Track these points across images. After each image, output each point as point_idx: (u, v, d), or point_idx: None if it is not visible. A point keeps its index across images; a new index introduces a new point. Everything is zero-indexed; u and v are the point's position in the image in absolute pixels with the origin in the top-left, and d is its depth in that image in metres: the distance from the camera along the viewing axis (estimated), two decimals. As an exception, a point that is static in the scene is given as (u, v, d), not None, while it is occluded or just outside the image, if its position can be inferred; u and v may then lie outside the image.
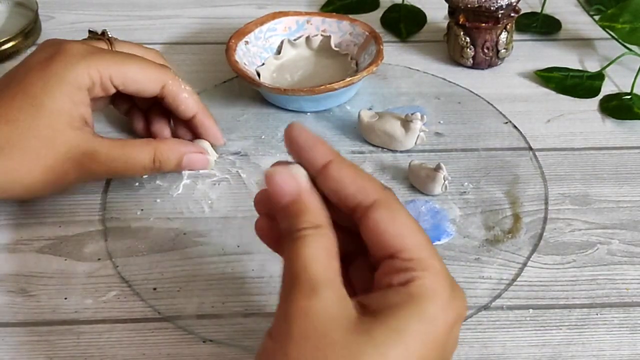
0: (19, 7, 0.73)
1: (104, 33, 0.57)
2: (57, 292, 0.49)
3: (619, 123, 0.63)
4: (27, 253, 0.51)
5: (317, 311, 0.32)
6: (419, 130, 0.58)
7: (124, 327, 0.47)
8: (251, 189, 0.56)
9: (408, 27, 0.75)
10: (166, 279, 0.50)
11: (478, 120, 0.63)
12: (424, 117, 0.58)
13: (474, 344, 0.46)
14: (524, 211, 0.54)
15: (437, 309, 0.32)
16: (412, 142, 0.59)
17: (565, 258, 0.51)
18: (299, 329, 0.31)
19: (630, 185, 0.57)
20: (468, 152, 0.60)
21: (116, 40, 0.56)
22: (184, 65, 0.69)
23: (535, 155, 0.59)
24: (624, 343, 0.46)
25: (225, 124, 0.61)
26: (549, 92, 0.67)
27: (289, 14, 0.68)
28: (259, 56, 0.66)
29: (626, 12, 0.69)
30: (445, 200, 0.55)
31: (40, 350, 0.45)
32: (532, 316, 0.48)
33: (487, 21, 0.66)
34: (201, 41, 0.73)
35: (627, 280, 0.50)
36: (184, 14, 0.77)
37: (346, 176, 0.35)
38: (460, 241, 0.52)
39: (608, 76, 0.68)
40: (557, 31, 0.75)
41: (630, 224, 0.54)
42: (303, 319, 0.32)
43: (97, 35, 0.57)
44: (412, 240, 0.34)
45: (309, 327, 0.31)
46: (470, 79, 0.67)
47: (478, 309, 0.48)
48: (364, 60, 0.64)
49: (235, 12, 0.77)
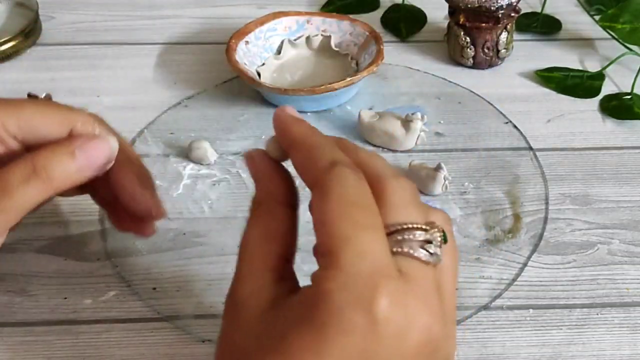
0: (19, 7, 0.73)
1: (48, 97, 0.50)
2: (57, 292, 0.49)
3: (619, 123, 0.63)
4: (27, 253, 0.51)
5: (236, 304, 0.30)
6: (419, 130, 0.58)
7: (122, 327, 0.47)
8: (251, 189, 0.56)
9: (408, 27, 0.75)
10: (165, 279, 0.50)
11: (478, 120, 0.63)
12: (424, 117, 0.58)
13: (474, 344, 0.46)
14: (524, 211, 0.54)
15: (338, 319, 0.27)
16: (413, 142, 0.59)
17: (565, 258, 0.51)
18: (226, 319, 0.31)
19: (630, 185, 0.57)
20: (468, 152, 0.60)
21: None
22: (184, 65, 0.69)
23: (535, 155, 0.59)
24: (624, 343, 0.46)
25: (225, 124, 0.61)
26: (549, 92, 0.67)
27: (289, 14, 0.68)
28: (259, 56, 0.66)
29: (626, 12, 0.69)
30: (445, 200, 0.55)
31: (39, 350, 0.45)
32: (532, 316, 0.48)
33: (488, 21, 0.66)
34: (201, 41, 0.73)
35: (628, 280, 0.50)
36: (184, 14, 0.77)
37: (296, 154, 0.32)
38: (460, 241, 0.52)
39: (608, 76, 0.68)
40: (557, 31, 0.75)
41: (630, 224, 0.54)
42: (229, 310, 0.31)
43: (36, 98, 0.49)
44: (330, 229, 0.28)
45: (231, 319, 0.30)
46: (470, 79, 0.67)
47: (478, 309, 0.47)
48: (364, 60, 0.64)
49: (236, 12, 0.77)
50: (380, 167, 0.32)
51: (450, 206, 0.55)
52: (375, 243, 0.28)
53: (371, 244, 0.28)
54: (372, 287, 0.27)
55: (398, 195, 0.30)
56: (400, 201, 0.30)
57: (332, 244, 0.28)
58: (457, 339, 0.46)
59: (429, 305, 0.28)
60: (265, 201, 0.32)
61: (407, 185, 0.31)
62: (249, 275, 0.31)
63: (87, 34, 0.74)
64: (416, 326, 0.28)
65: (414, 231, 0.29)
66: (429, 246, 0.29)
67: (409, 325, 0.27)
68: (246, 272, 0.31)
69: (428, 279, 0.29)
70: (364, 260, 0.28)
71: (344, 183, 0.29)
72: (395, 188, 0.30)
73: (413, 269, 0.29)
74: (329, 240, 0.28)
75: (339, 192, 0.29)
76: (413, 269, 0.29)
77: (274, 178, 0.33)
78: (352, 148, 0.33)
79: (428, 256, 0.29)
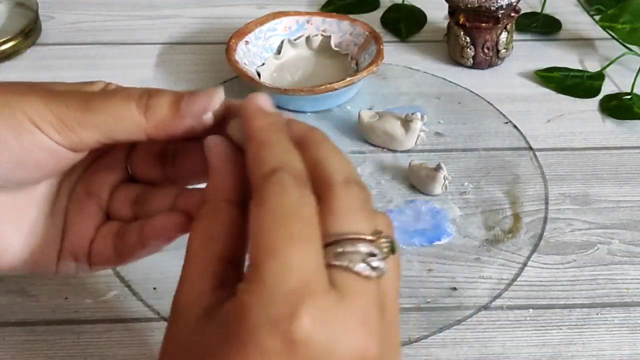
0: (19, 7, 0.73)
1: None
2: (57, 292, 0.49)
3: (619, 123, 0.63)
4: (27, 253, 0.51)
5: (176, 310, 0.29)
6: (419, 130, 0.58)
7: (123, 327, 0.47)
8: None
9: (408, 27, 0.75)
10: (166, 279, 0.49)
11: (478, 120, 0.63)
12: (424, 117, 0.58)
13: (474, 344, 0.46)
14: (524, 211, 0.54)
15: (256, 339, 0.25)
16: (412, 142, 0.59)
17: (565, 258, 0.51)
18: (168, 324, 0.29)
19: (630, 185, 0.57)
20: (468, 152, 0.60)
21: None
22: (184, 65, 0.69)
23: (535, 155, 0.59)
24: (624, 343, 0.46)
25: (225, 123, 0.61)
26: (549, 92, 0.67)
27: (289, 14, 0.68)
28: (259, 56, 0.66)
29: (626, 12, 0.69)
30: (445, 200, 0.55)
31: (40, 349, 0.45)
32: (532, 316, 0.48)
33: (487, 21, 0.66)
34: (201, 41, 0.73)
35: (627, 280, 0.50)
36: (184, 14, 0.77)
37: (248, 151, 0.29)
38: (460, 241, 0.52)
39: (608, 76, 0.68)
40: (557, 31, 0.75)
41: (630, 223, 0.54)
42: (171, 315, 0.29)
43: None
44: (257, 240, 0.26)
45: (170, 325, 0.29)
46: (470, 79, 0.67)
47: (478, 309, 0.47)
48: (364, 60, 0.64)
49: (236, 12, 0.77)
50: (335, 170, 0.29)
51: (450, 206, 0.55)
52: (306, 257, 0.26)
53: (300, 258, 0.26)
54: (293, 304, 0.25)
55: (345, 202, 0.28)
56: (347, 209, 0.28)
57: (257, 255, 0.26)
58: (457, 339, 0.46)
59: (366, 323, 0.26)
60: (211, 199, 0.30)
61: (358, 192, 0.29)
62: (189, 280, 0.29)
63: (87, 34, 0.74)
64: (346, 347, 0.25)
65: (357, 243, 0.27)
66: (371, 259, 0.27)
67: (337, 347, 0.25)
68: (186, 277, 0.29)
69: (367, 295, 0.27)
70: (289, 275, 0.25)
71: (280, 193, 0.27)
72: (344, 195, 0.28)
73: (350, 284, 0.26)
74: (255, 251, 0.26)
75: (273, 201, 0.27)
76: (350, 284, 0.26)
77: (227, 173, 0.31)
78: (314, 143, 0.30)
79: (369, 270, 0.27)
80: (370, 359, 0.26)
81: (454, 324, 0.46)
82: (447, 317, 0.47)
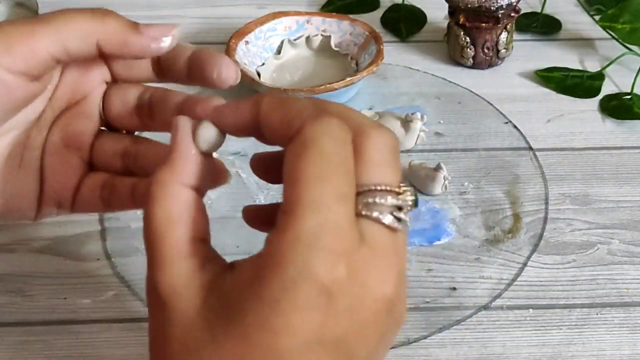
0: (19, 7, 0.73)
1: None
2: (56, 292, 0.49)
3: (619, 123, 0.63)
4: (26, 253, 0.51)
5: (163, 299, 0.28)
6: (419, 130, 0.58)
7: (122, 326, 0.47)
8: (251, 189, 0.56)
9: (408, 27, 0.75)
10: (165, 278, 0.49)
11: (478, 120, 0.63)
12: (424, 117, 0.58)
13: (474, 344, 0.46)
14: (524, 211, 0.54)
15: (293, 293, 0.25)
16: (412, 142, 0.58)
17: (565, 258, 0.51)
18: (155, 318, 0.29)
19: (630, 185, 0.57)
20: (468, 152, 0.60)
21: None
22: (183, 65, 0.69)
23: (535, 155, 0.59)
24: (624, 343, 0.46)
25: (224, 123, 0.61)
26: (549, 92, 0.67)
27: (289, 14, 0.68)
28: (259, 56, 0.66)
29: (626, 12, 0.69)
30: (445, 200, 0.55)
31: (38, 349, 0.45)
32: (532, 316, 0.47)
33: (487, 21, 0.66)
34: (201, 41, 0.73)
35: (627, 280, 0.50)
36: (184, 14, 0.77)
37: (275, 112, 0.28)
38: (460, 241, 0.52)
39: (608, 76, 0.68)
40: (557, 31, 0.75)
41: (630, 223, 0.54)
42: (156, 307, 0.28)
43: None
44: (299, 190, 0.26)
45: (163, 316, 0.28)
46: (470, 79, 0.67)
47: (478, 308, 0.47)
48: (364, 60, 0.64)
49: (236, 12, 0.77)
50: (361, 117, 0.29)
51: (450, 206, 0.55)
52: (344, 213, 0.26)
53: (339, 213, 0.26)
54: (331, 259, 0.25)
55: (378, 150, 0.28)
56: (379, 159, 0.28)
57: (297, 207, 0.26)
58: (457, 339, 0.46)
59: (390, 272, 0.27)
60: (166, 181, 0.29)
61: (389, 139, 0.28)
62: (166, 265, 0.28)
63: (87, 34, 0.74)
64: (375, 294, 0.26)
65: (387, 195, 0.27)
66: (398, 212, 0.27)
67: (367, 295, 0.26)
68: (160, 262, 0.28)
69: (391, 245, 0.27)
70: (327, 231, 0.25)
71: (329, 135, 0.26)
72: (377, 142, 0.28)
73: (378, 235, 0.27)
74: (296, 200, 0.26)
75: (320, 146, 0.26)
76: (378, 235, 0.27)
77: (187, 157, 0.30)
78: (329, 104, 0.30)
79: (396, 223, 0.27)
80: (391, 300, 0.27)
81: (454, 324, 0.46)
82: (446, 317, 0.47)
